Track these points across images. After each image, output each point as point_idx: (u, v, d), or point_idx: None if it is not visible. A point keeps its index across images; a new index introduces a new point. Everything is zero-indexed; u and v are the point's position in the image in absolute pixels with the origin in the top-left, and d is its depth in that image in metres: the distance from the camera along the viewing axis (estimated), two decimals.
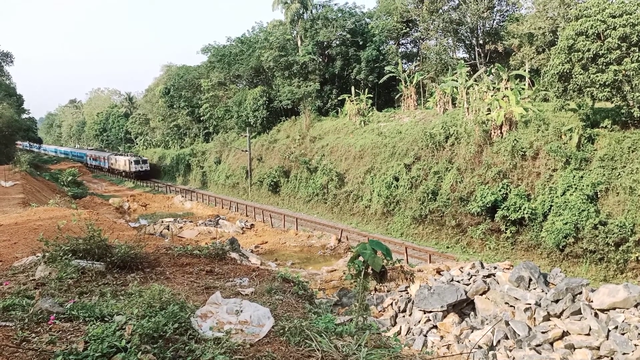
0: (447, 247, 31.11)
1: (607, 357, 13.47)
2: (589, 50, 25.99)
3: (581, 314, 14.81)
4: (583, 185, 25.92)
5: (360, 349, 5.25)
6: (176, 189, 65.75)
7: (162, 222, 40.34)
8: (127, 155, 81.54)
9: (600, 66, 25.94)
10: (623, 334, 13.64)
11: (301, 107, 56.52)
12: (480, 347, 14.94)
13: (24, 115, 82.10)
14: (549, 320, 15.24)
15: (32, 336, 5.05)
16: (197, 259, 10.49)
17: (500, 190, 29.26)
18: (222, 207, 49.25)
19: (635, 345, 13.21)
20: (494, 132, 31.90)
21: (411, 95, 48.89)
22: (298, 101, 56.80)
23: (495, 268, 19.62)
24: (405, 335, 16.63)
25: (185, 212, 50.25)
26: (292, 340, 5.50)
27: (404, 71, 50.87)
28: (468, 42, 50.60)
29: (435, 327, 16.72)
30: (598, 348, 13.63)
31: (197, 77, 73.93)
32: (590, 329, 14.20)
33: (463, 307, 17.55)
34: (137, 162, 77.45)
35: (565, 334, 14.55)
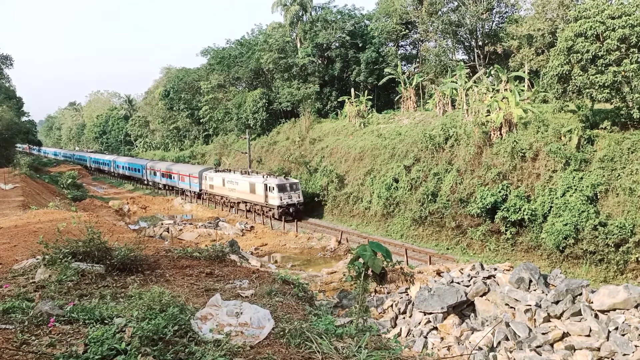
0: (447, 249, 31.10)
1: (608, 358, 13.45)
2: (588, 51, 26.01)
3: (581, 315, 14.80)
4: (583, 187, 25.93)
5: (361, 350, 5.25)
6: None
7: (162, 224, 40.31)
8: (262, 176, 43.99)
9: (600, 67, 25.96)
10: (623, 335, 13.63)
11: (301, 109, 56.60)
12: (480, 349, 14.93)
13: (24, 118, 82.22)
14: (549, 321, 15.23)
15: (32, 339, 5.04)
16: (197, 261, 10.49)
17: (500, 192, 29.25)
18: (222, 209, 49.21)
19: (636, 346, 13.20)
20: (494, 134, 31.92)
21: (411, 97, 48.95)
22: (298, 103, 56.87)
23: (495, 269, 19.63)
24: (406, 336, 16.61)
25: (185, 215, 50.23)
26: (293, 342, 5.50)
27: (404, 73, 50.95)
28: (467, 44, 50.62)
29: (435, 328, 16.70)
30: (598, 349, 13.61)
31: (197, 80, 74.07)
32: (590, 330, 14.19)
33: (463, 309, 17.54)
34: (282, 189, 40.79)
35: (565, 335, 14.54)
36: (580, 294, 15.51)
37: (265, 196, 41.88)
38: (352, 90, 52.53)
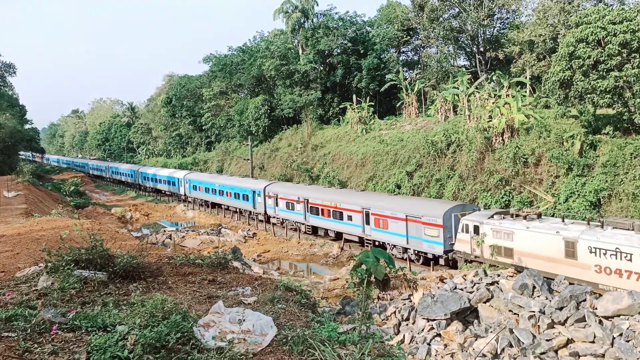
0: None
1: None
2: (589, 57, 26.04)
3: (585, 321, 14.73)
4: (586, 192, 25.86)
5: (364, 357, 5.23)
6: None
7: (165, 231, 40.32)
8: None
9: (601, 73, 25.98)
10: (628, 341, 13.55)
11: (303, 115, 56.71)
12: (484, 356, 14.85)
13: (27, 126, 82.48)
14: (554, 327, 15.15)
15: (35, 347, 5.04)
16: (199, 268, 10.48)
17: (502, 197, 29.20)
18: (224, 216, 49.21)
19: None
20: (496, 139, 31.90)
21: (412, 103, 49.04)
22: (299, 109, 56.99)
23: (498, 276, 19.56)
24: (409, 343, 16.53)
25: (188, 222, 50.25)
26: (295, 349, 5.48)
27: (405, 79, 51.06)
28: (469, 50, 50.76)
29: (438, 335, 16.62)
30: (603, 355, 13.53)
31: (199, 87, 74.42)
32: (594, 336, 14.11)
33: (467, 315, 17.46)
34: None
35: (569, 341, 14.46)
36: (584, 300, 15.44)
37: None
38: (354, 96, 52.65)
